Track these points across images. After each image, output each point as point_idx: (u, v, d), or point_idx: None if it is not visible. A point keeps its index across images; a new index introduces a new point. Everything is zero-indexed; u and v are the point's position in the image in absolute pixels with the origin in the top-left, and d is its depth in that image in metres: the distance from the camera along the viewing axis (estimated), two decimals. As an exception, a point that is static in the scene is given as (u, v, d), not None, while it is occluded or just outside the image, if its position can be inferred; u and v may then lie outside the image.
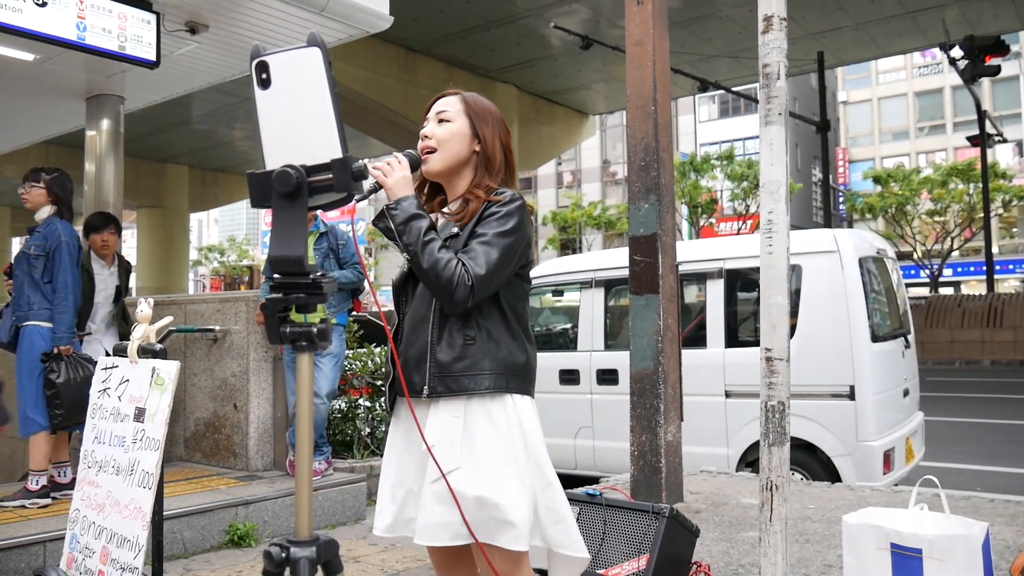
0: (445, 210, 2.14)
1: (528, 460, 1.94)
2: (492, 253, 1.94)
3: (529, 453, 1.95)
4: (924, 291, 31.50)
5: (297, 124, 1.50)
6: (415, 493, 1.99)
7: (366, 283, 5.94)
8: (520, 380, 2.01)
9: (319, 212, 4.94)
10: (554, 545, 1.97)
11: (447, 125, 2.11)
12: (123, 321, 5.42)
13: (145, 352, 3.26)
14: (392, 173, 1.99)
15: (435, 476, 1.89)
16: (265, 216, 51.05)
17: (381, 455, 5.85)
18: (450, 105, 2.14)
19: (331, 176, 1.48)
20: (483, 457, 1.90)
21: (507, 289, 2.04)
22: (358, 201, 2.00)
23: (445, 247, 1.94)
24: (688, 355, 5.10)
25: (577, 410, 6.22)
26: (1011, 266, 39.23)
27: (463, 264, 1.91)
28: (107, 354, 4.16)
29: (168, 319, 3.59)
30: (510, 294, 2.05)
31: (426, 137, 2.11)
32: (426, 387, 1.96)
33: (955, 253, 31.63)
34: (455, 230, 2.02)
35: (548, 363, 6.25)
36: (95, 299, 5.24)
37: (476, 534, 1.87)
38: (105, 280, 5.36)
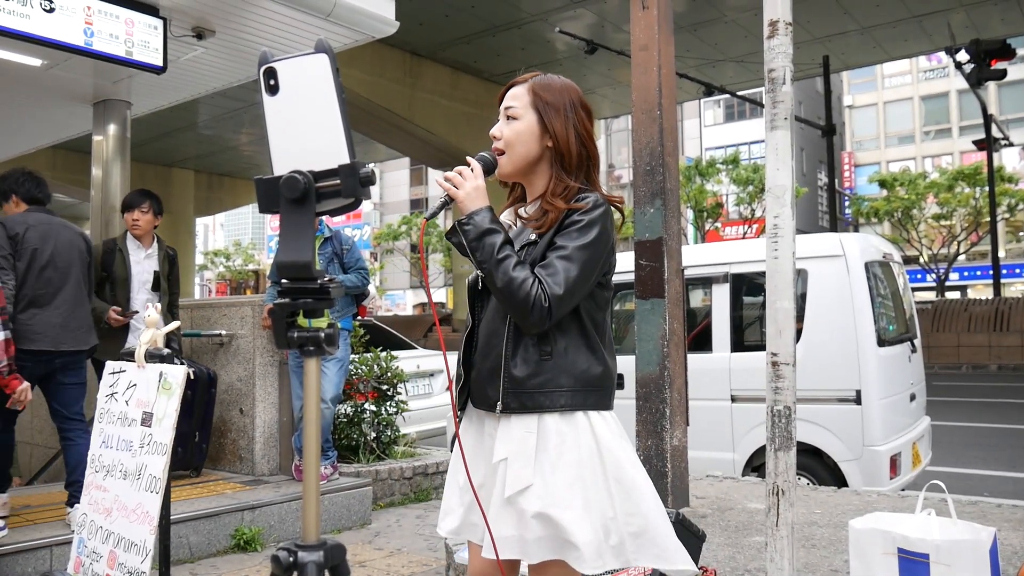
0: (523, 212, 1.99)
1: (606, 480, 1.82)
2: (572, 270, 1.80)
3: (608, 472, 1.82)
4: (930, 295, 31.40)
5: (305, 130, 1.51)
6: (483, 499, 1.91)
7: (370, 289, 5.94)
8: (598, 395, 1.88)
9: (323, 217, 4.95)
10: (646, 563, 1.85)
11: (514, 124, 1.94)
12: (170, 315, 5.17)
13: (152, 356, 3.27)
14: (463, 184, 1.85)
15: (507, 491, 1.82)
16: (271, 220, 51.17)
17: (386, 459, 5.88)
18: (517, 99, 1.96)
19: (339, 182, 1.48)
20: (550, 476, 1.80)
21: (588, 300, 1.90)
22: (428, 219, 1.91)
23: (521, 264, 1.81)
24: (694, 359, 5.10)
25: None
26: (1017, 270, 39.13)
27: (540, 283, 1.79)
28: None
29: (175, 323, 3.60)
30: (591, 304, 1.91)
31: (495, 138, 1.97)
32: (499, 403, 1.86)
33: (961, 257, 31.58)
34: (532, 237, 1.89)
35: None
36: (130, 286, 5.10)
37: (539, 551, 1.80)
38: (141, 263, 5.17)
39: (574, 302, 1.85)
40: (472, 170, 1.89)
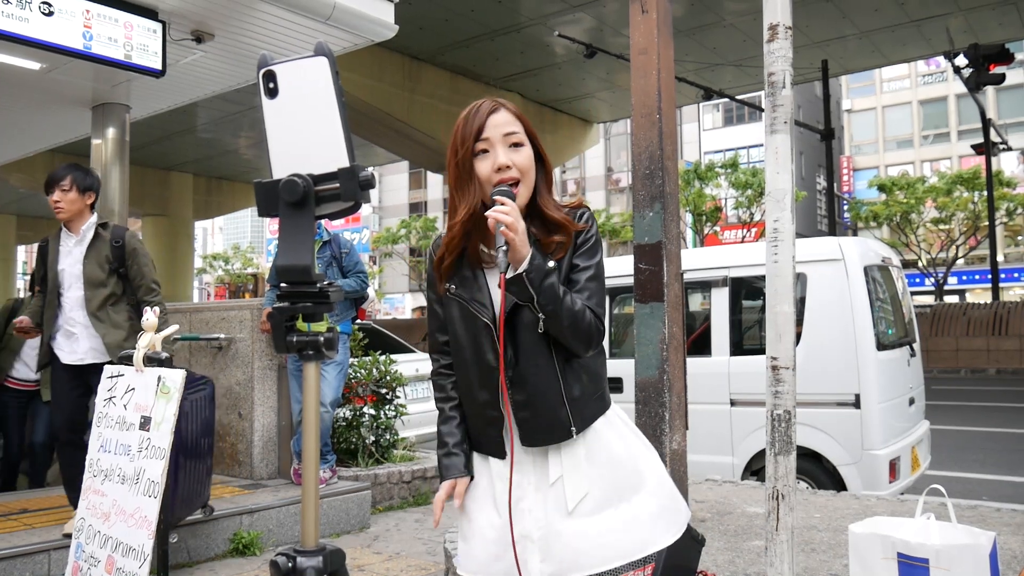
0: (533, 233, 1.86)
1: (648, 449, 1.95)
2: (601, 289, 1.88)
3: (646, 443, 1.96)
4: (929, 299, 31.45)
5: (304, 133, 1.50)
6: (531, 535, 1.83)
7: (369, 292, 5.93)
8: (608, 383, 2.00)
9: (322, 220, 4.94)
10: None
11: (523, 151, 1.88)
12: (135, 315, 4.14)
13: (151, 360, 3.27)
14: (517, 227, 1.71)
15: (570, 504, 1.82)
16: (270, 224, 51.14)
17: (385, 463, 5.87)
18: (513, 125, 1.88)
19: (338, 185, 1.48)
20: (611, 473, 1.86)
21: None
22: (505, 272, 1.72)
23: (571, 294, 1.81)
24: (693, 363, 5.09)
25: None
26: (1016, 274, 39.15)
27: (591, 310, 1.82)
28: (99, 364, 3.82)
29: (174, 327, 3.60)
30: None
31: (507, 167, 1.84)
32: (573, 428, 1.84)
33: (960, 261, 31.60)
34: (551, 264, 1.78)
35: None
36: (60, 282, 4.18)
37: (666, 535, 1.93)
38: (71, 253, 4.20)
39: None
40: (509, 207, 1.75)
